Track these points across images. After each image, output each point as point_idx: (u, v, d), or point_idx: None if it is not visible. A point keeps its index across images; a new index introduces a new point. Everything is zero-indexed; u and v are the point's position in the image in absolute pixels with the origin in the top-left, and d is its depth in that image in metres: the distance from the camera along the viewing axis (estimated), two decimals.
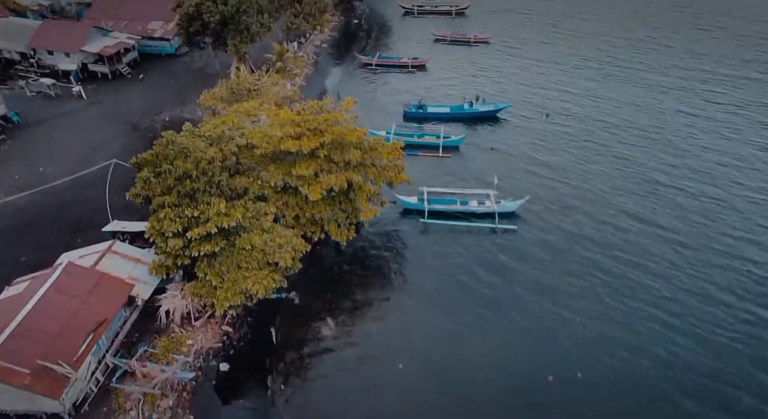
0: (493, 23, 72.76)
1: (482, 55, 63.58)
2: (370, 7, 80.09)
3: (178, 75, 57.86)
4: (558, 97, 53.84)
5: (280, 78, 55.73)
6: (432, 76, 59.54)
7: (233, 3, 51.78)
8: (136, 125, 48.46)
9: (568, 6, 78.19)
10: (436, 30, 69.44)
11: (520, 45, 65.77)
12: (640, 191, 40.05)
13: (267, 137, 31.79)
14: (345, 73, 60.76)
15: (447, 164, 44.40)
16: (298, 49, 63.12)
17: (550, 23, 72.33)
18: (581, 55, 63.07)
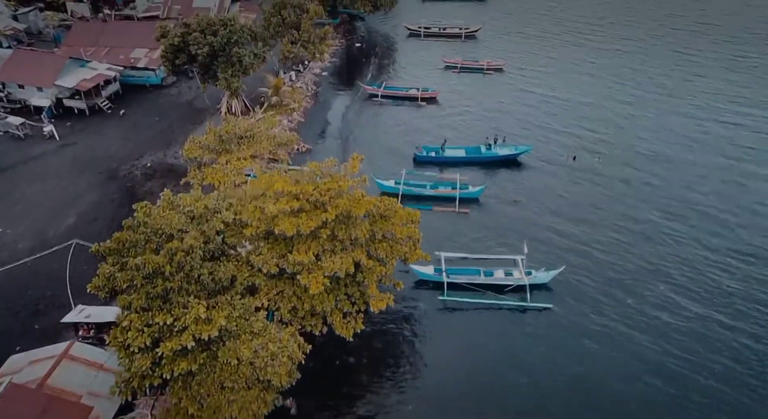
0: (506, 47, 68.20)
1: (497, 85, 58.90)
2: (373, 29, 75.59)
3: (164, 110, 53.08)
4: (584, 134, 49.16)
5: (277, 115, 51.14)
6: (443, 110, 54.83)
7: (223, 34, 47.13)
8: (113, 172, 43.57)
9: (587, 25, 73.65)
10: (446, 57, 64.78)
11: (537, 73, 61.14)
12: (697, 261, 34.98)
13: (259, 212, 26.88)
14: (348, 107, 56.03)
15: (465, 221, 39.57)
16: (296, 79, 58.40)
17: (569, 45, 67.82)
18: (607, 81, 58.62)
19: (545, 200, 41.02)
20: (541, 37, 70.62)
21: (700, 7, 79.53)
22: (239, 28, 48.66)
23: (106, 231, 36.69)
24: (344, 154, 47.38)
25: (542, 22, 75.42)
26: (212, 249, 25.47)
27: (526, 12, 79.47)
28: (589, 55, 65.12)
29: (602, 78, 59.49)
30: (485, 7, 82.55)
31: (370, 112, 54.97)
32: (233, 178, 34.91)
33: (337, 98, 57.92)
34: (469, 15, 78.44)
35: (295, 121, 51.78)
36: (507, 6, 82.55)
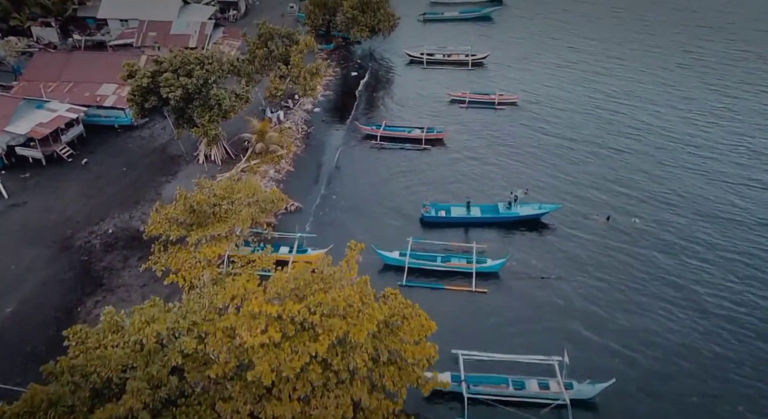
0: (518, 77, 62.62)
1: (511, 124, 53.18)
2: (371, 55, 69.78)
3: (133, 157, 47.24)
4: (618, 187, 43.38)
5: (262, 164, 45.37)
6: (451, 154, 49.13)
7: (200, 74, 41.40)
8: (68, 241, 37.64)
9: (606, 50, 68.11)
10: (451, 90, 59.06)
11: (556, 109, 55.49)
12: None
13: (228, 340, 20.91)
14: (343, 151, 50.25)
15: (484, 304, 33.79)
16: (285, 118, 52.57)
17: (589, 74, 62.20)
18: (641, 120, 52.89)
19: (578, 276, 35.22)
20: (557, 65, 65.08)
21: (727, 21, 74.08)
22: (218, 68, 42.96)
23: (50, 325, 30.80)
24: (338, 214, 41.67)
25: (556, 47, 69.93)
26: (164, 396, 19.50)
27: (536, 34, 74.05)
28: (612, 87, 59.56)
29: (633, 116, 53.71)
30: (492, 29, 77.03)
31: (369, 158, 49.17)
32: (202, 270, 28.90)
33: (331, 140, 52.12)
34: (475, 38, 72.82)
35: (284, 171, 45.96)
36: (515, 27, 77.04)
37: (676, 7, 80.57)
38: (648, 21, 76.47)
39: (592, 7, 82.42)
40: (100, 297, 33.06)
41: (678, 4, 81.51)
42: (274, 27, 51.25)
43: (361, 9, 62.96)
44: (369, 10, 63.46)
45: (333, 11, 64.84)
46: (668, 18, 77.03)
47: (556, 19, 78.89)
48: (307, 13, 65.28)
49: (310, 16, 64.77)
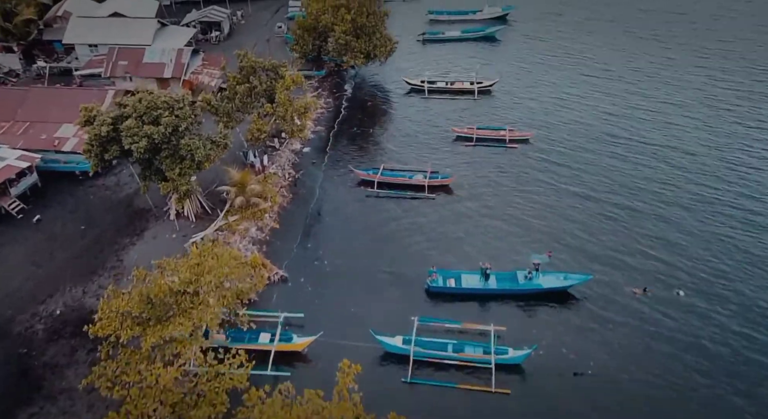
0: (530, 107, 57.46)
1: (526, 168, 47.81)
2: (366, 82, 64.58)
3: (94, 212, 41.70)
4: (655, 252, 37.92)
5: (242, 220, 39.83)
6: (458, 204, 43.79)
7: (168, 121, 35.90)
8: (5, 327, 31.96)
9: (631, 72, 63.05)
10: (456, 124, 53.80)
11: (575, 149, 50.14)
12: None
13: None
14: (336, 201, 44.72)
15: (506, 409, 28.17)
16: (269, 162, 47.04)
17: (610, 105, 56.99)
18: (679, 158, 47.69)
19: (616, 370, 29.74)
20: (570, 92, 59.88)
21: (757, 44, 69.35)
22: (190, 113, 37.44)
23: None
24: (330, 283, 36.11)
25: (567, 70, 64.79)
26: None
27: (544, 56, 68.85)
28: (637, 118, 54.29)
29: (666, 158, 48.00)
30: (496, 50, 71.89)
31: (365, 209, 43.71)
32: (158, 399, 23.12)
33: (322, 187, 46.57)
34: (479, 60, 67.92)
35: (267, 228, 40.45)
36: (522, 48, 71.82)
37: (693, 26, 75.71)
38: (666, 40, 71.45)
39: (602, 23, 77.53)
40: (37, 408, 27.33)
41: (696, 22, 76.74)
42: (256, 59, 45.81)
43: (354, 34, 57.64)
44: (363, 34, 58.16)
45: (324, 36, 59.46)
46: (687, 38, 72.05)
47: (564, 37, 73.91)
48: (295, 38, 59.89)
49: (298, 41, 59.40)
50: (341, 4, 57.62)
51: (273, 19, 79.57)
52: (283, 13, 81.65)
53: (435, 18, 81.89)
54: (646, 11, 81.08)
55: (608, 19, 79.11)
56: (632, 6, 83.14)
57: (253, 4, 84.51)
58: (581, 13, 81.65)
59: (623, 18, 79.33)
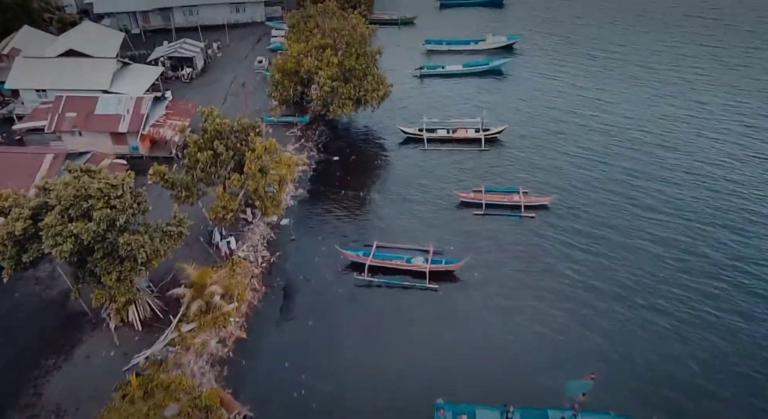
0: (547, 161, 50.23)
1: (547, 246, 40.50)
2: (356, 129, 57.29)
3: (14, 319, 34.46)
4: (725, 378, 30.64)
5: (200, 331, 32.43)
6: (468, 298, 36.47)
7: (102, 215, 28.61)
8: None
9: (652, 110, 56.13)
10: (461, 185, 46.59)
11: (607, 218, 42.81)
12: None
13: None
14: (320, 294, 37.23)
15: None
16: (240, 242, 39.63)
17: (642, 155, 49.96)
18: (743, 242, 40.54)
19: None
20: (592, 141, 52.79)
21: None
22: (131, 203, 30.01)
23: None
24: None
25: (585, 111, 57.74)
26: None
27: (558, 94, 61.74)
28: (674, 175, 47.29)
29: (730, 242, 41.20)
30: (504, 87, 64.71)
31: (355, 306, 36.26)
32: None
33: (303, 274, 39.07)
34: (484, 100, 61.04)
35: (231, 339, 32.94)
36: (532, 84, 64.54)
37: (724, 62, 68.97)
38: (699, 76, 64.63)
39: (619, 54, 70.60)
40: None
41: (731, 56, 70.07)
42: (222, 121, 38.38)
43: (343, 78, 50.42)
44: (353, 78, 50.97)
45: (307, 81, 52.25)
46: (722, 76, 65.31)
47: (579, 71, 66.99)
48: (274, 83, 52.52)
49: (277, 87, 52.05)
50: (327, 44, 50.47)
51: (253, 52, 72.52)
52: (265, 43, 74.74)
53: (433, 48, 74.84)
54: (672, 38, 74.42)
55: (629, 50, 72.13)
56: (653, 34, 76.51)
57: (231, 32, 77.63)
58: (597, 43, 74.64)
59: (643, 46, 72.59)
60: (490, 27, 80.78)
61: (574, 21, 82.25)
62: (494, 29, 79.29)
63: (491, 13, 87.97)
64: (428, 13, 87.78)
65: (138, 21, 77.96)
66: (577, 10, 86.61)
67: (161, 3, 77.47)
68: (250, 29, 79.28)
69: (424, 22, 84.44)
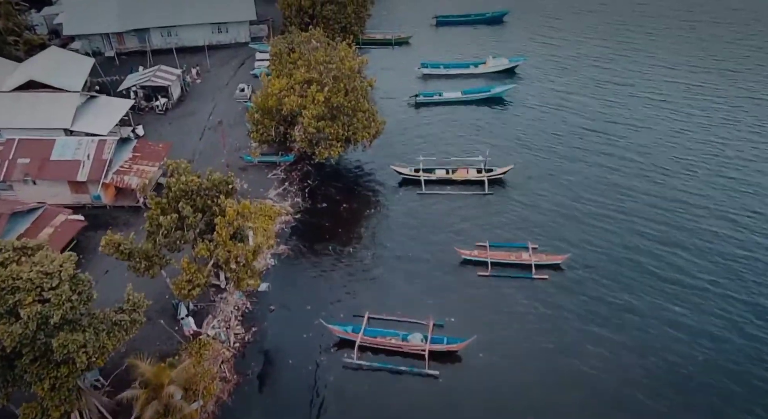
0: (558, 208, 45.56)
1: (561, 316, 35.88)
2: (346, 172, 52.24)
3: None
4: None
5: None
6: (471, 386, 31.68)
7: (32, 313, 23.84)
8: None
9: (672, 145, 51.69)
10: (462, 241, 41.78)
11: (628, 277, 38.20)
12: None
13: None
14: (301, 384, 32.31)
15: None
16: (208, 320, 34.69)
17: (665, 200, 45.52)
18: None
19: None
20: (607, 182, 48.17)
21: None
22: (69, 296, 25.03)
23: None
24: None
25: (597, 146, 53.20)
26: None
27: (570, 124, 57.18)
28: (701, 228, 42.80)
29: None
30: (508, 120, 59.94)
31: (341, 401, 31.23)
32: None
33: (283, 355, 34.15)
34: (486, 128, 56.77)
35: None
36: (536, 116, 59.42)
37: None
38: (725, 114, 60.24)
39: (630, 75, 66.07)
40: None
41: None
42: (190, 179, 33.50)
43: (330, 115, 45.66)
44: (341, 114, 46.23)
45: (290, 121, 47.43)
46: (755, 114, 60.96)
47: (585, 95, 62.47)
48: (253, 122, 47.60)
49: (257, 127, 47.13)
50: (312, 79, 45.70)
51: (235, 77, 67.63)
52: (249, 67, 69.78)
53: (429, 72, 70.09)
54: (687, 60, 69.99)
55: (640, 74, 67.45)
56: (666, 54, 72.10)
57: (212, 55, 72.67)
58: (605, 65, 69.91)
59: (656, 71, 68.13)
60: (490, 47, 76.15)
61: (579, 39, 77.48)
62: (495, 49, 74.67)
63: (491, 31, 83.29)
64: (424, 32, 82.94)
65: (112, 43, 73.01)
66: (582, 26, 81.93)
67: (137, 24, 72.44)
68: (233, 51, 74.30)
69: (420, 42, 79.67)
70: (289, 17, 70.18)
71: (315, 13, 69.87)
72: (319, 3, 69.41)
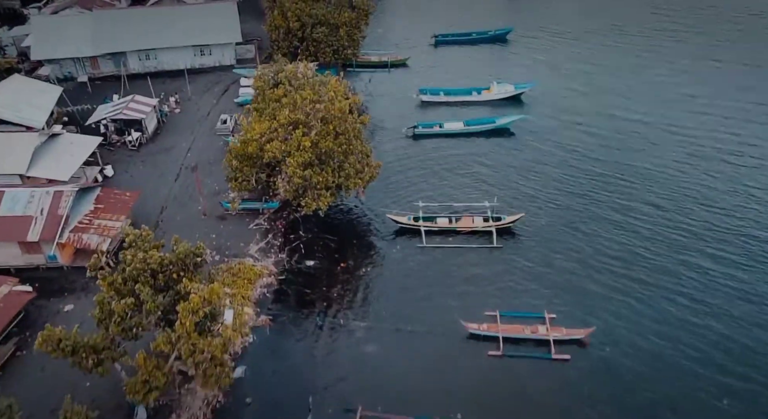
0: (578, 268, 40.56)
1: (588, 414, 30.60)
2: (336, 220, 46.96)
3: None
4: None
5: None
6: None
7: None
8: None
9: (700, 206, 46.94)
10: (469, 314, 36.55)
11: (664, 361, 33.32)
12: None
13: None
14: None
15: None
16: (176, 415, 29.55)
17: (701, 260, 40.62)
18: None
19: None
20: (637, 253, 43.41)
21: None
22: None
23: None
24: None
25: (624, 200, 48.61)
26: None
27: (587, 161, 52.41)
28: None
29: None
30: (515, 156, 54.94)
31: None
32: None
33: None
34: (492, 166, 52.10)
35: None
36: (551, 146, 54.95)
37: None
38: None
39: (651, 103, 61.31)
40: None
41: None
42: (149, 254, 28.42)
43: (319, 160, 40.67)
44: (331, 159, 41.26)
45: (272, 168, 42.36)
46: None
47: (599, 126, 57.64)
48: (231, 169, 42.42)
49: (236, 175, 41.98)
50: (297, 121, 40.69)
51: (218, 106, 62.63)
52: (233, 94, 64.76)
53: (428, 99, 65.12)
54: (715, 90, 65.31)
55: (662, 104, 62.65)
56: (691, 82, 67.42)
57: (194, 79, 67.70)
58: (622, 92, 65.09)
59: (681, 104, 63.38)
60: (493, 69, 71.57)
61: (591, 61, 72.54)
62: (498, 72, 70.06)
63: (494, 51, 78.51)
64: (422, 52, 77.95)
65: (85, 67, 67.95)
66: (594, 46, 76.92)
67: (113, 47, 67.40)
68: (216, 75, 69.22)
69: (418, 63, 74.68)
70: (277, 41, 65.19)
71: (305, 35, 65.02)
72: (309, 25, 64.57)
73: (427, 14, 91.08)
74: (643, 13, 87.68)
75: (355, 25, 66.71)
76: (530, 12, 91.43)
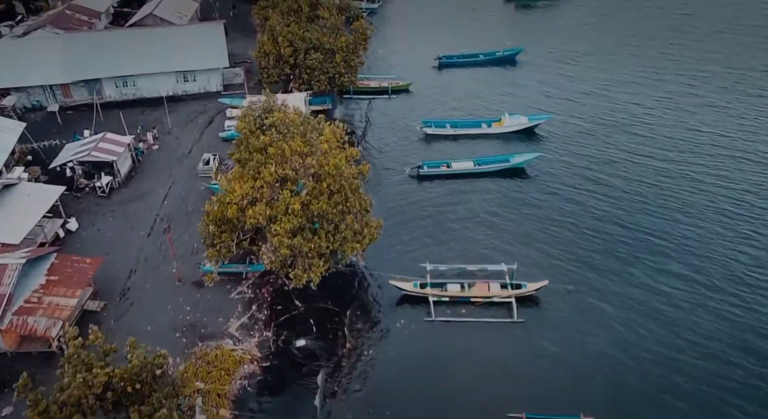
0: (611, 349, 34.87)
1: None
2: (331, 288, 40.81)
3: None
4: None
5: None
6: None
7: None
8: None
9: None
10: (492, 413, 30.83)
11: None
12: None
13: None
14: None
15: None
16: None
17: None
18: None
19: None
20: (691, 329, 37.72)
21: None
22: None
23: None
24: None
25: (662, 262, 42.93)
26: None
27: (611, 204, 47.08)
28: None
29: None
30: (530, 194, 49.55)
31: None
32: None
33: None
34: (508, 216, 46.55)
35: None
36: (573, 192, 49.36)
37: None
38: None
39: (679, 141, 55.69)
40: None
41: None
42: (100, 374, 22.60)
43: (310, 223, 34.88)
44: (324, 221, 35.44)
45: (257, 232, 36.50)
46: None
47: (632, 174, 51.63)
48: (207, 235, 36.49)
49: (214, 240, 36.06)
50: (285, 177, 34.91)
51: (201, 141, 56.83)
52: (218, 127, 58.94)
53: (433, 132, 59.35)
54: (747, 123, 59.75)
55: (697, 142, 57.14)
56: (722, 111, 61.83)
57: (176, 109, 61.98)
58: (647, 123, 59.57)
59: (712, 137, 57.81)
60: (503, 95, 66.17)
61: (612, 86, 66.66)
62: (509, 99, 64.70)
63: (503, 74, 72.75)
64: (425, 76, 72.20)
65: (56, 96, 62.21)
66: (614, 69, 70.92)
67: (86, 73, 61.67)
68: (201, 104, 63.37)
69: (421, 89, 68.95)
70: (266, 68, 59.40)
71: (297, 62, 59.28)
72: (303, 51, 58.82)
73: (429, 33, 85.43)
74: (659, 25, 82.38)
75: (352, 51, 60.99)
76: (538, 29, 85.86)
